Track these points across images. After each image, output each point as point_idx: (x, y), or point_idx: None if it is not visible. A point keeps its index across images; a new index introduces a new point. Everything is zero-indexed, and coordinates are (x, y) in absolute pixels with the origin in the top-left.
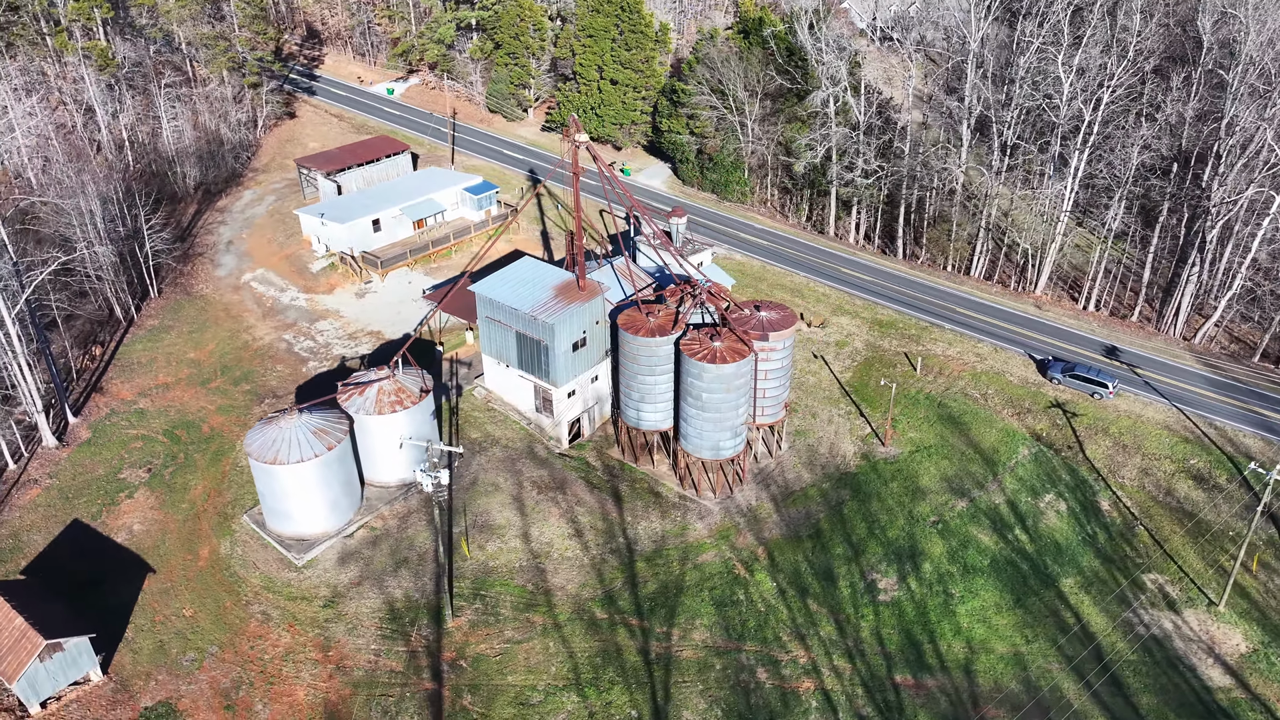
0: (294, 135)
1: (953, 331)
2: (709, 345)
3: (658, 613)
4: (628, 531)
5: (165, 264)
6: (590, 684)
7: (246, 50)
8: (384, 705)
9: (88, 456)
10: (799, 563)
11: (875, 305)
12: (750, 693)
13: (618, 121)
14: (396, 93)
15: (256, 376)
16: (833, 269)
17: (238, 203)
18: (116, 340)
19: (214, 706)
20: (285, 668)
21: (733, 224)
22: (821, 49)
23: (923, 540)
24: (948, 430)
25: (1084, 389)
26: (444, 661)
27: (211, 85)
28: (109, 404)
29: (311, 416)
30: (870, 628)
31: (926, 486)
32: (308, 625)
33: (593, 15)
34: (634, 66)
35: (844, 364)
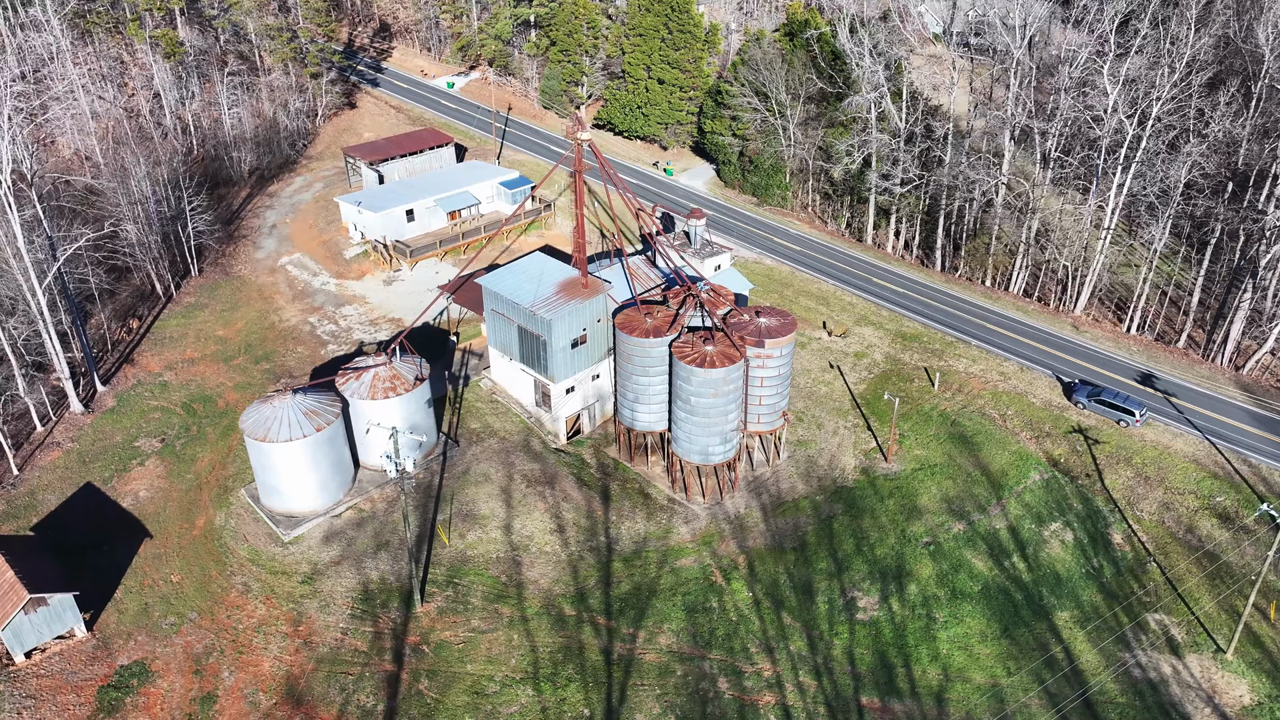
0: (351, 125)
1: (979, 348)
2: (700, 349)
3: (627, 614)
4: (610, 531)
5: (207, 244)
6: (548, 679)
7: (308, 41)
8: (343, 683)
9: (109, 424)
10: (778, 574)
11: (902, 317)
12: (708, 701)
13: (663, 121)
14: (456, 87)
15: (277, 356)
16: (864, 278)
17: (288, 188)
18: (154, 315)
19: (184, 670)
20: (256, 639)
21: (769, 228)
22: (863, 53)
23: (911, 561)
24: (957, 449)
25: (1110, 415)
26: (407, 645)
27: (274, 75)
28: (137, 375)
29: (305, 397)
30: (843, 646)
31: (924, 506)
32: (283, 599)
33: (642, 14)
34: (681, 66)
35: (860, 375)
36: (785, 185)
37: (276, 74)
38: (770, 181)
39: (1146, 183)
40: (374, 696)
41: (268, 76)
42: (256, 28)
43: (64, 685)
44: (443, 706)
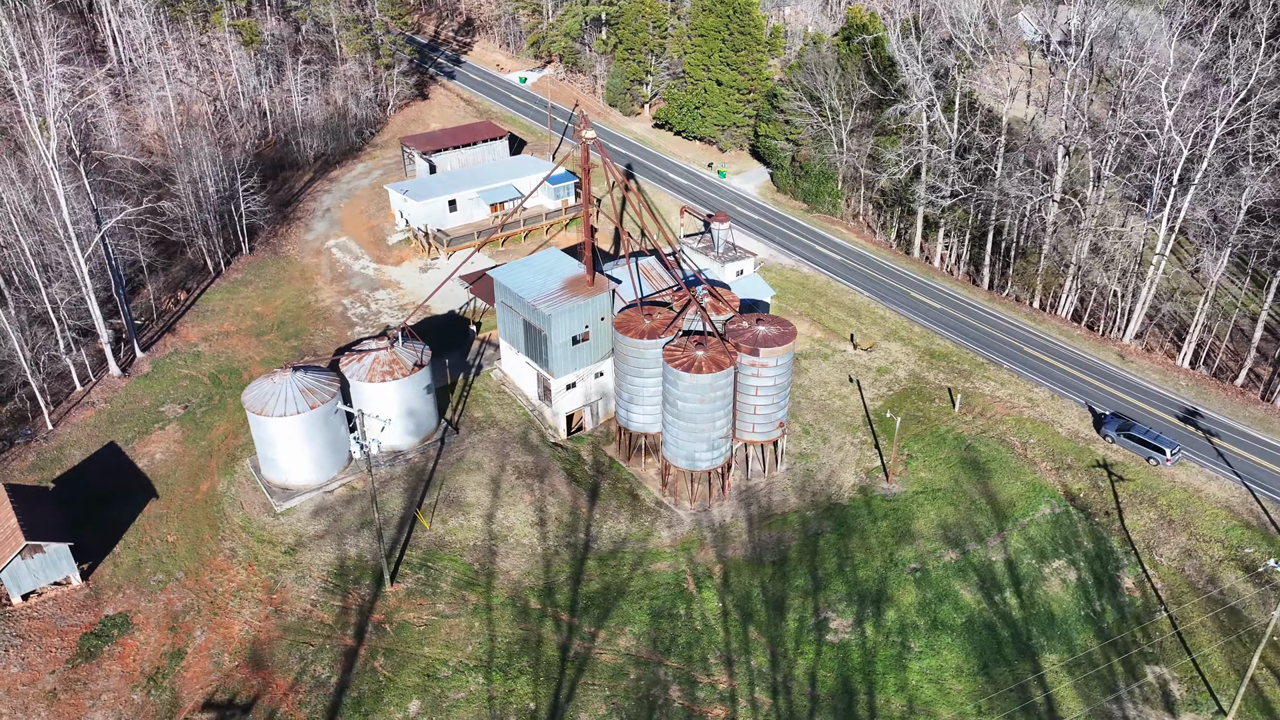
0: (420, 116)
1: (1010, 371)
2: (690, 353)
3: (591, 612)
4: (591, 529)
5: (259, 224)
6: (500, 669)
7: (382, 33)
8: (303, 652)
9: (141, 388)
10: (752, 587)
11: (934, 334)
12: (656, 708)
13: (720, 123)
14: (528, 82)
15: (306, 334)
16: (902, 292)
17: (348, 174)
18: (201, 289)
19: (161, 625)
20: (232, 602)
21: (814, 236)
22: (914, 59)
23: (894, 586)
24: (965, 475)
25: (1139, 451)
26: (371, 622)
27: (348, 65)
28: (175, 344)
29: (304, 375)
30: (806, 666)
31: (918, 531)
32: (264, 567)
33: (704, 15)
34: (740, 68)
35: (879, 392)
36: (836, 193)
37: (350, 64)
38: (821, 188)
39: (1205, 206)
40: (329, 669)
41: (342, 66)
42: (334, 19)
43: (51, 629)
44: (393, 685)
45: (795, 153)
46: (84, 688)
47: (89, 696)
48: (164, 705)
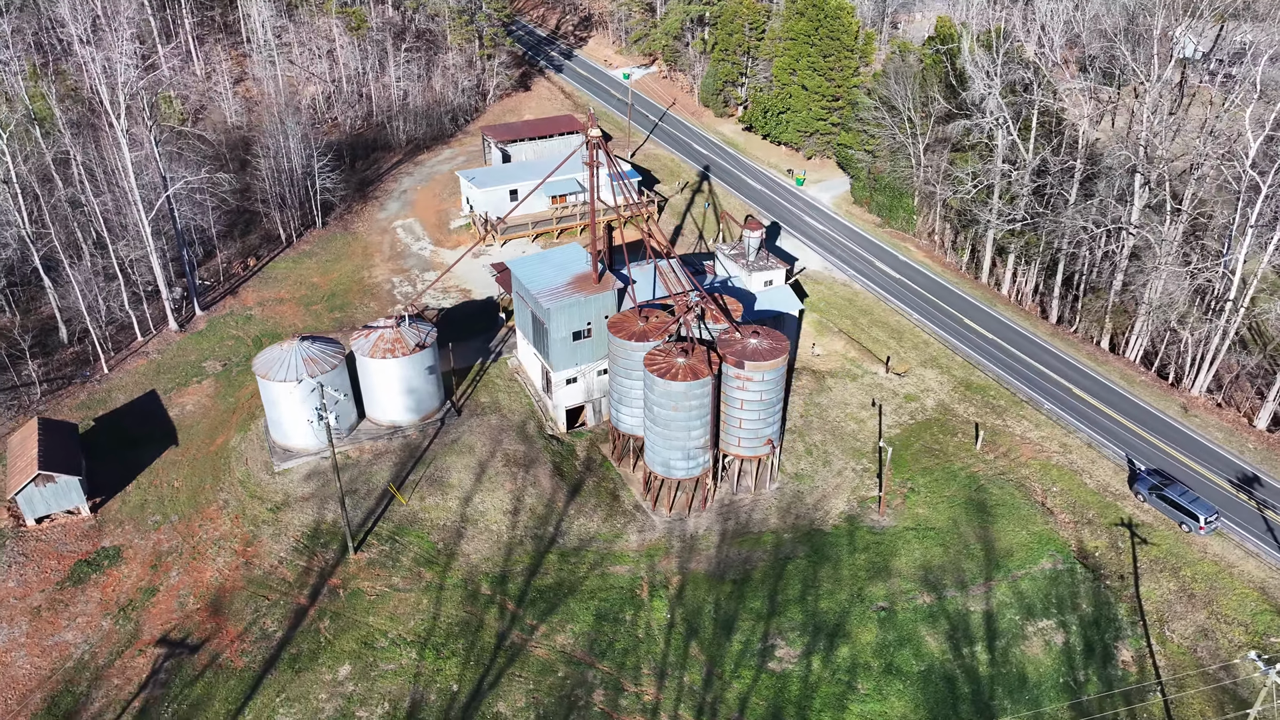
0: (517, 106)
1: (1049, 413)
2: (670, 359)
3: (538, 605)
4: (562, 523)
5: (333, 201)
6: (435, 647)
7: (484, 24)
8: (258, 604)
9: (191, 344)
10: (705, 603)
11: (976, 366)
12: (575, 709)
13: (803, 129)
14: (632, 79)
15: (350, 308)
16: (955, 318)
17: (434, 159)
18: (270, 257)
19: (145, 562)
20: (211, 550)
21: (878, 252)
22: (987, 72)
23: (855, 622)
24: (966, 517)
25: (1171, 515)
26: (327, 585)
27: (451, 54)
28: (233, 306)
29: (310, 345)
30: (740, 691)
31: (897, 568)
32: (248, 521)
33: (795, 18)
34: (827, 74)
35: (899, 419)
36: (911, 209)
37: (454, 53)
38: (895, 203)
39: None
40: (278, 624)
41: (445, 55)
42: (443, 10)
43: (52, 552)
44: (330, 648)
45: (871, 164)
46: (64, 609)
47: (66, 617)
48: (126, 635)
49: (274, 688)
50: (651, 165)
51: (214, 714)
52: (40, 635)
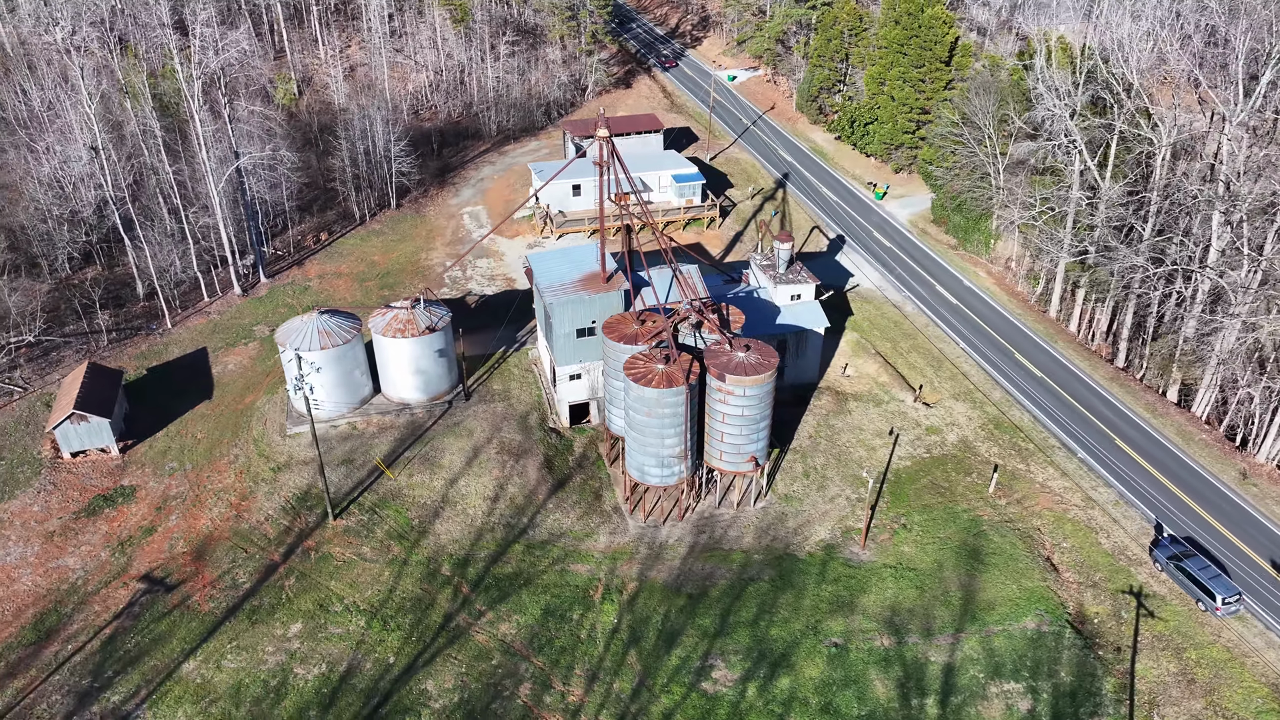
0: (614, 103)
1: (1080, 463)
2: (650, 366)
3: (491, 592)
4: (537, 516)
5: (408, 184)
6: (383, 619)
7: (587, 20)
8: (235, 555)
9: (249, 308)
10: (655, 613)
11: (1013, 404)
12: (499, 698)
13: (888, 141)
14: (737, 81)
15: (399, 286)
16: (1007, 351)
17: (518, 150)
18: (340, 234)
19: (152, 504)
20: (210, 499)
21: (945, 275)
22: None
23: (803, 655)
24: (955, 561)
25: (1188, 589)
26: (302, 546)
27: (552, 48)
28: (295, 276)
29: (328, 319)
30: (667, 706)
31: (862, 606)
32: (249, 478)
33: (890, 26)
34: (917, 85)
35: (913, 451)
36: (989, 233)
37: (554, 48)
38: (973, 226)
39: None
40: (248, 576)
41: (546, 49)
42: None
43: (77, 484)
44: (287, 605)
45: (949, 182)
46: (73, 536)
47: (73, 544)
48: (117, 567)
49: (228, 634)
50: (730, 169)
51: (169, 650)
52: (47, 557)
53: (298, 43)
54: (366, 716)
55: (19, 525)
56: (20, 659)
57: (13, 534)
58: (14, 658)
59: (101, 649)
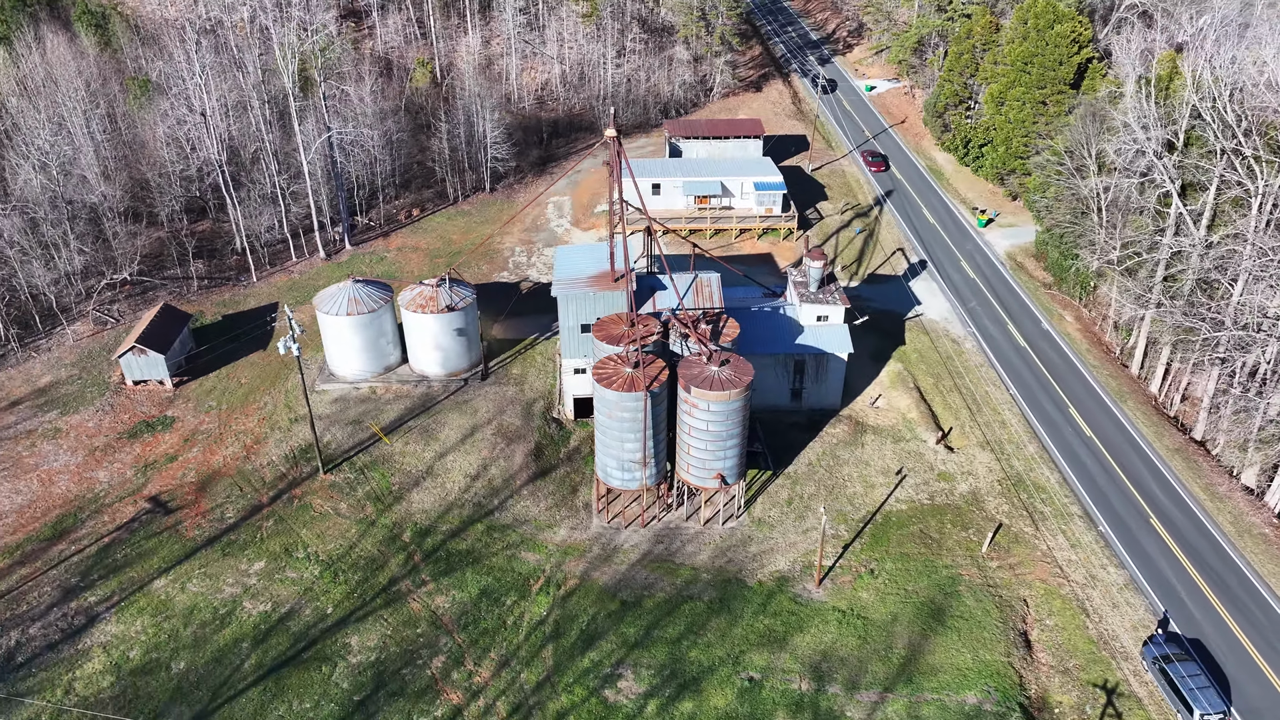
0: (735, 107)
1: (1099, 536)
2: (619, 369)
3: (439, 564)
4: (508, 500)
5: (504, 170)
6: (334, 573)
7: (717, 22)
8: (231, 491)
9: (327, 272)
10: (584, 614)
11: (1046, 462)
12: (412, 665)
13: (1000, 166)
14: (875, 91)
15: (465, 265)
16: (1060, 404)
17: (627, 145)
18: (431, 211)
19: (181, 435)
20: (227, 437)
21: (1024, 314)
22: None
23: (713, 682)
24: (912, 617)
25: (1168, 698)
26: (287, 494)
27: (679, 47)
28: (377, 247)
29: (361, 287)
30: (562, 706)
31: (793, 645)
32: (268, 426)
33: (1018, 42)
34: (1036, 107)
35: (915, 495)
36: (1086, 275)
37: (681, 47)
38: (1067, 264)
39: None
40: (235, 512)
41: (673, 49)
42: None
43: (129, 408)
44: (258, 545)
45: (1049, 215)
46: (110, 454)
47: (108, 460)
48: (134, 486)
49: (200, 561)
50: (832, 181)
51: (148, 566)
52: (85, 468)
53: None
54: (290, 657)
55: (73, 436)
56: (33, 551)
57: (65, 443)
58: (30, 549)
59: (96, 554)
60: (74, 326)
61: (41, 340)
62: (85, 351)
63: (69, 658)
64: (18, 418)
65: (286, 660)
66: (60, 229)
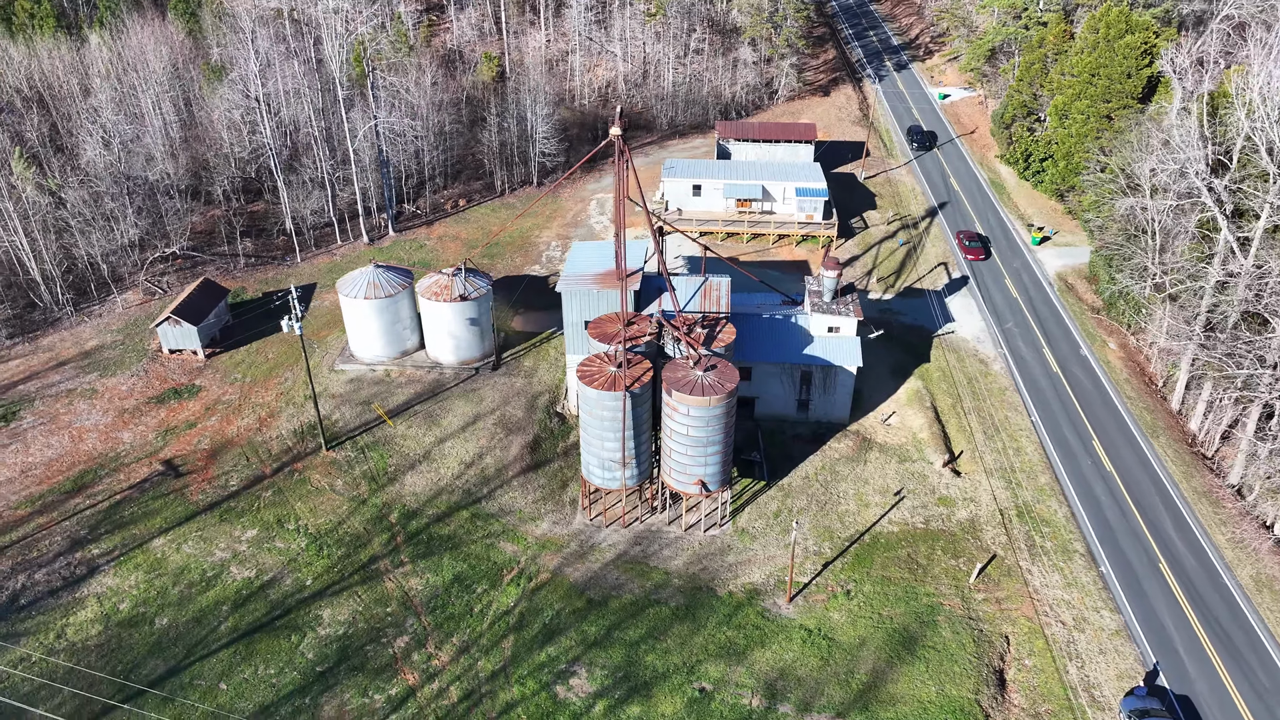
0: (797, 111)
1: (1098, 577)
2: (603, 368)
3: (419, 547)
4: (497, 490)
5: (551, 165)
6: (319, 546)
7: (784, 24)
8: (238, 460)
9: (367, 256)
10: (549, 608)
11: (1055, 494)
12: (377, 642)
13: (1059, 182)
14: (948, 100)
15: (499, 257)
16: (1084, 434)
17: (680, 145)
18: (477, 202)
19: (204, 403)
20: (245, 408)
21: (1062, 339)
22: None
23: (665, 689)
24: (881, 643)
25: None
26: (290, 467)
27: (744, 49)
28: (419, 234)
29: (381, 273)
30: (512, 698)
31: (752, 659)
32: (283, 400)
33: (1088, 53)
34: (1101, 122)
35: (909, 518)
36: (1137, 302)
37: (746, 49)
38: (1118, 291)
39: None
40: (239, 481)
41: (737, 50)
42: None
43: (162, 375)
44: (253, 514)
45: (1101, 236)
46: (137, 416)
47: (133, 422)
48: (153, 449)
49: (198, 525)
50: (884, 190)
51: (149, 525)
52: (113, 428)
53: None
54: (264, 623)
55: (106, 398)
56: (53, 502)
57: (99, 404)
58: (50, 500)
59: (106, 510)
60: (125, 295)
61: (95, 306)
62: (131, 319)
63: (66, 605)
64: (62, 377)
65: (260, 626)
66: (120, 203)
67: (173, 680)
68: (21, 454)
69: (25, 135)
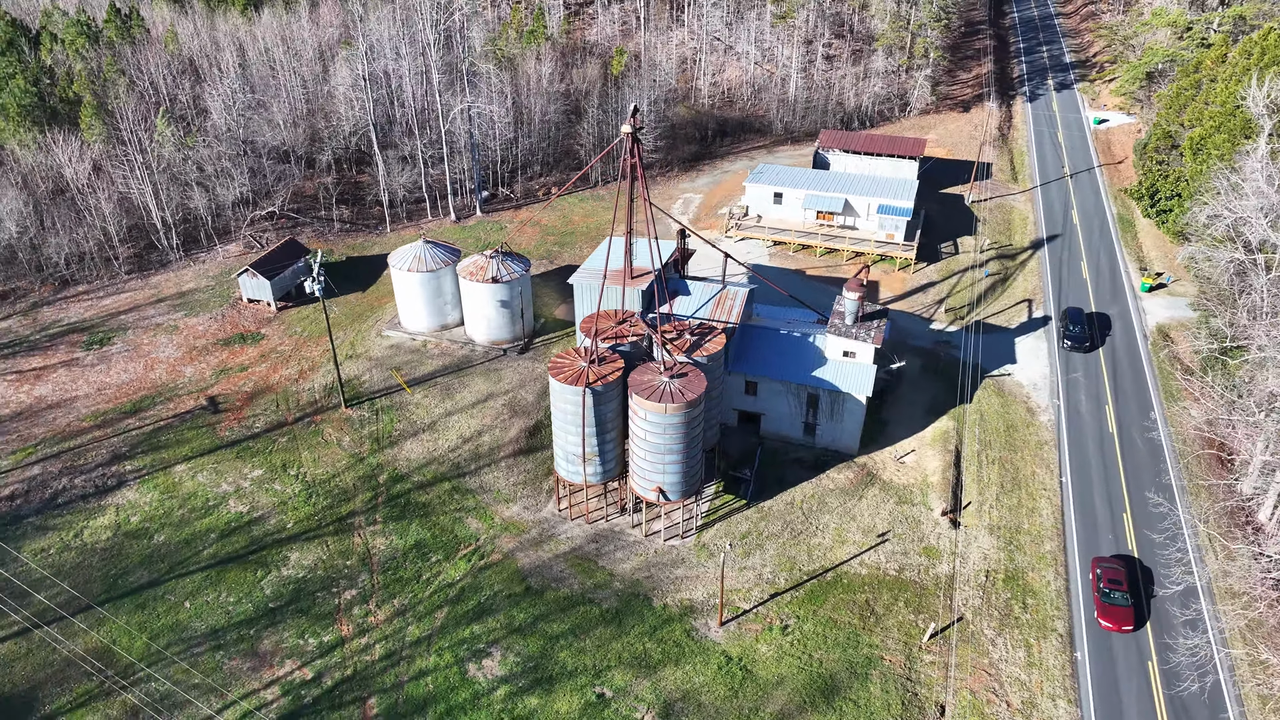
0: (928, 126)
1: (1065, 662)
2: (573, 363)
3: (394, 509)
4: (484, 468)
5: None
6: (310, 495)
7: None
8: (269, 406)
9: (450, 233)
10: (490, 589)
11: (1056, 567)
12: (327, 590)
13: (1178, 226)
14: (1104, 125)
15: (568, 246)
16: (1118, 502)
17: (790, 151)
18: (570, 190)
19: (261, 351)
20: (293, 359)
21: (1133, 398)
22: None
23: (566, 687)
24: (800, 686)
25: None
26: (309, 419)
27: (878, 57)
28: (503, 217)
29: (430, 249)
30: (426, 666)
31: (661, 676)
32: (327, 358)
33: (1234, 82)
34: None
35: (885, 563)
36: (1236, 353)
37: (878, 59)
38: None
39: None
40: (263, 424)
41: (870, 59)
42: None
43: (235, 321)
44: (264, 455)
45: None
46: (203, 355)
47: (198, 360)
48: (205, 385)
49: (215, 458)
50: (993, 217)
51: (177, 452)
52: (181, 362)
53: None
54: (239, 555)
55: (183, 335)
56: (112, 419)
57: (176, 339)
58: (111, 417)
59: (149, 433)
60: (228, 247)
61: (201, 254)
62: (227, 269)
63: (91, 509)
64: (155, 312)
65: (235, 557)
66: (236, 164)
67: (150, 591)
68: (103, 374)
69: (178, 98)
